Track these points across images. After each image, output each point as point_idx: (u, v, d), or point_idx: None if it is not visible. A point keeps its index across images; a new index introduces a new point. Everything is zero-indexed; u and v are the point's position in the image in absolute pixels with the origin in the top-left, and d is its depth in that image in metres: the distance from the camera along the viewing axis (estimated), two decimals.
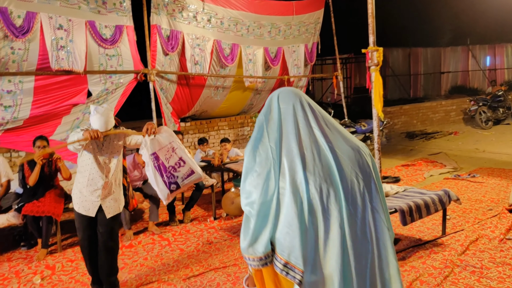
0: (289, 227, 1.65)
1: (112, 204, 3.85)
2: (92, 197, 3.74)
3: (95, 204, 3.77)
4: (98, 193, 3.75)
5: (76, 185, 3.81)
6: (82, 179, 3.75)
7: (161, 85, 7.59)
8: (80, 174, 3.77)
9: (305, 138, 1.73)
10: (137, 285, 4.20)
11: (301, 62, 10.01)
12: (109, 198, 3.83)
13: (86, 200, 3.75)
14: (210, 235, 5.54)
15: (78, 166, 3.80)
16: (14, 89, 5.98)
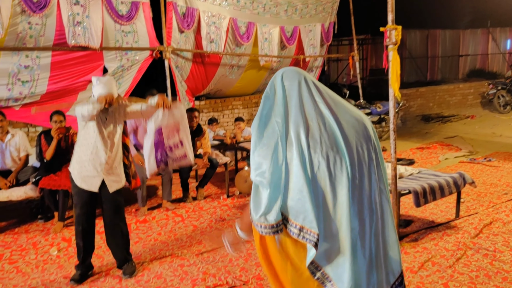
0: (300, 193, 1.68)
1: (114, 178, 3.82)
2: (95, 171, 3.70)
3: (97, 178, 3.72)
4: (102, 167, 3.71)
5: (77, 159, 3.75)
6: (85, 152, 3.69)
7: (176, 62, 7.58)
8: (82, 148, 3.72)
9: (310, 111, 1.77)
10: (150, 259, 4.27)
11: (317, 42, 9.90)
12: (111, 173, 3.79)
13: (89, 175, 3.70)
14: (223, 212, 5.59)
15: (80, 140, 3.75)
16: (31, 64, 6.03)
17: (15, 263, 4.28)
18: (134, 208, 5.83)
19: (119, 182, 3.88)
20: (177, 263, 4.16)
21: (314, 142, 1.71)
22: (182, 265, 4.10)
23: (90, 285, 3.80)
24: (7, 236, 4.97)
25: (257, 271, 3.91)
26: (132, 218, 5.45)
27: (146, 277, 3.90)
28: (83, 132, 3.71)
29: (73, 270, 4.05)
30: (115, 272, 4.01)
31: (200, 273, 3.91)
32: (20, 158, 5.42)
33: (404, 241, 4.38)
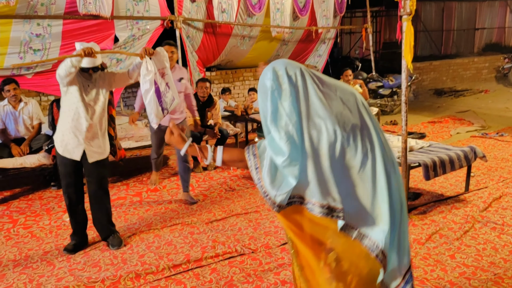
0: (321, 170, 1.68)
1: (96, 149, 3.75)
2: (76, 140, 3.64)
3: (79, 147, 3.66)
4: (82, 136, 3.64)
5: (59, 127, 3.70)
6: (66, 119, 3.63)
7: (187, 32, 7.53)
8: (64, 115, 3.65)
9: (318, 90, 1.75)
10: (161, 226, 4.35)
11: (330, 13, 9.74)
12: (92, 143, 3.72)
13: (70, 143, 3.65)
14: (233, 182, 5.64)
15: (62, 107, 3.68)
16: (43, 32, 6.03)
17: (30, 228, 4.39)
18: (145, 176, 5.90)
19: (101, 154, 3.81)
20: (187, 230, 4.23)
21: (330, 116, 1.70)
22: (192, 232, 4.18)
23: (102, 250, 3.89)
24: (21, 202, 5.08)
25: (266, 240, 3.97)
26: (143, 186, 5.53)
27: (157, 243, 3.98)
28: (65, 99, 3.64)
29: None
30: (126, 239, 4.10)
31: (210, 241, 3.98)
32: (33, 126, 5.48)
33: (412, 213, 4.40)
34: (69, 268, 3.61)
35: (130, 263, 3.64)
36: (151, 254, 3.79)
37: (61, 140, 3.68)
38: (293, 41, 9.70)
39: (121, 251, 3.86)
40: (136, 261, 3.67)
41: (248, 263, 3.59)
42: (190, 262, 3.62)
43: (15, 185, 5.59)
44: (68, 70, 3.41)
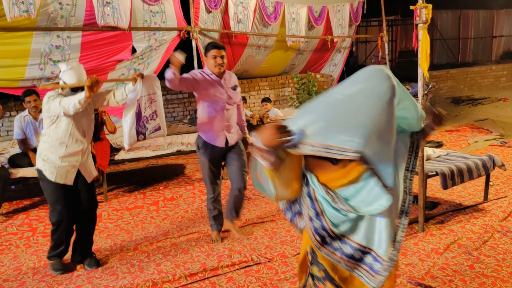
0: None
1: (89, 168, 3.73)
2: (70, 164, 3.55)
3: (73, 170, 3.59)
4: (78, 158, 3.58)
5: (48, 154, 3.52)
6: (58, 147, 3.49)
7: (203, 43, 7.59)
8: (55, 142, 3.49)
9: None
10: (178, 235, 4.38)
11: (346, 22, 9.76)
12: (86, 164, 3.69)
13: (63, 167, 3.53)
14: (249, 191, 5.64)
15: (50, 135, 3.51)
16: (62, 44, 6.15)
17: (48, 236, 4.42)
18: (161, 185, 5.95)
19: (92, 172, 3.79)
20: (204, 239, 4.25)
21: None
22: (208, 242, 4.19)
23: (119, 259, 3.92)
24: (40, 211, 5.16)
25: (282, 249, 3.96)
26: (160, 195, 5.57)
27: (174, 252, 4.00)
28: (53, 127, 3.49)
29: (103, 245, 4.20)
30: (143, 247, 4.13)
31: (226, 250, 3.99)
32: None
33: (430, 223, 4.35)
34: (87, 276, 3.65)
35: (147, 272, 3.66)
36: (167, 262, 3.82)
37: (51, 168, 3.52)
38: (309, 50, 9.73)
39: (138, 260, 3.89)
40: (153, 270, 3.69)
41: (264, 272, 3.58)
42: (206, 271, 3.63)
43: (34, 194, 5.68)
44: (78, 110, 3.33)
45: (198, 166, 6.76)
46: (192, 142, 6.32)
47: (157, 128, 4.02)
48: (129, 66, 6.80)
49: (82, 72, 3.52)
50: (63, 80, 3.47)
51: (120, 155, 5.73)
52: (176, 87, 3.67)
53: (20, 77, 6.03)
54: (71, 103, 3.29)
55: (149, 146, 6.12)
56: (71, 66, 3.47)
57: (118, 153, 5.77)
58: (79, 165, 3.62)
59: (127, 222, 4.77)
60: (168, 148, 6.07)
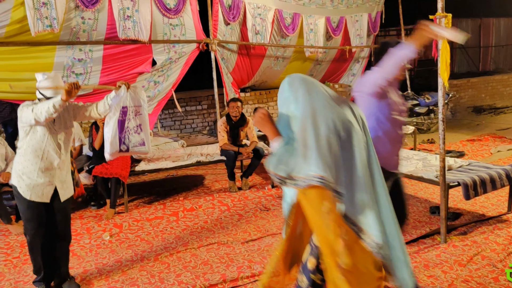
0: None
1: (66, 186, 3.56)
2: (46, 180, 3.39)
3: (50, 187, 3.43)
4: (53, 174, 3.41)
5: (23, 170, 3.37)
6: (33, 160, 3.34)
7: (222, 54, 7.68)
8: (29, 156, 3.34)
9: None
10: (198, 246, 4.39)
11: (364, 32, 9.75)
12: (62, 180, 3.51)
13: (39, 184, 3.37)
14: (268, 202, 5.65)
15: (24, 148, 3.36)
16: (84, 57, 6.28)
17: (71, 246, 4.45)
18: (181, 196, 5.98)
19: (70, 190, 3.64)
20: (223, 250, 4.25)
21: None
22: (228, 253, 4.19)
23: (139, 270, 3.95)
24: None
25: None
26: (180, 206, 5.60)
27: (194, 263, 4.02)
28: (27, 139, 3.34)
29: (124, 255, 4.24)
30: (164, 258, 4.15)
31: (246, 261, 3.99)
32: (75, 147, 5.67)
33: (452, 234, 4.29)
34: (108, 286, 3.68)
35: (167, 282, 3.68)
36: (187, 273, 3.83)
37: (27, 184, 3.36)
38: (327, 60, 9.73)
39: (158, 270, 3.91)
40: (173, 280, 3.71)
41: None
42: (226, 282, 3.63)
43: None
44: (51, 115, 3.17)
45: (217, 177, 6.80)
46: (211, 153, 6.36)
47: (141, 143, 3.88)
48: (149, 78, 6.91)
49: (59, 80, 3.39)
50: (39, 91, 3.35)
51: (141, 166, 5.80)
52: None
53: None
54: (44, 107, 3.13)
55: (169, 157, 6.17)
56: (48, 76, 3.35)
57: (139, 164, 5.84)
58: (56, 181, 3.45)
59: (148, 232, 4.81)
60: (188, 159, 6.12)
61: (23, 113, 3.25)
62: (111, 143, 3.76)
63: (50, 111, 3.12)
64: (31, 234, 3.48)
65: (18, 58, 5.91)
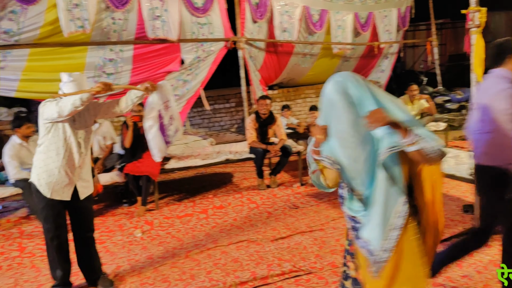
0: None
1: (86, 184, 3.55)
2: (67, 178, 3.37)
3: (70, 186, 3.42)
4: (73, 172, 3.40)
5: (44, 168, 3.35)
6: (54, 158, 3.33)
7: (249, 52, 7.68)
8: (50, 154, 3.34)
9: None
10: (228, 243, 4.42)
11: (393, 28, 9.59)
12: (82, 178, 3.51)
13: (60, 182, 3.36)
14: (297, 200, 5.64)
15: (45, 145, 3.35)
16: (115, 57, 6.39)
17: (104, 243, 4.61)
18: (210, 194, 6.03)
19: (90, 187, 3.62)
20: (253, 248, 4.27)
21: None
22: (257, 250, 4.21)
23: (170, 266, 4.00)
24: (96, 218, 5.30)
25: (332, 258, 3.93)
26: (209, 203, 5.65)
27: (224, 260, 4.05)
28: (49, 136, 3.33)
29: (156, 252, 4.30)
30: (194, 255, 4.19)
31: (275, 259, 4.00)
32: (106, 146, 5.79)
33: None
34: (140, 282, 3.75)
35: (198, 279, 3.72)
36: (218, 270, 3.86)
37: (47, 182, 3.34)
38: (355, 57, 9.63)
39: (189, 267, 3.96)
40: (203, 277, 3.75)
41: (314, 282, 3.56)
42: (256, 279, 3.65)
43: None
44: (76, 109, 3.15)
45: (245, 175, 6.83)
46: (240, 150, 6.39)
47: (176, 131, 3.93)
48: (178, 77, 6.97)
49: (84, 83, 3.40)
50: (63, 91, 3.35)
51: (170, 164, 5.87)
52: None
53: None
54: (69, 100, 3.11)
55: (198, 155, 6.22)
56: (73, 78, 3.32)
57: (169, 162, 5.91)
58: (76, 179, 3.45)
59: (178, 229, 4.87)
60: (217, 157, 6.16)
61: (46, 108, 3.23)
62: (160, 150, 3.80)
63: (76, 103, 3.10)
64: (49, 235, 3.46)
65: (52, 59, 6.06)
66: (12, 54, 5.72)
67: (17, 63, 5.79)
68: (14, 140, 4.90)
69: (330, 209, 5.21)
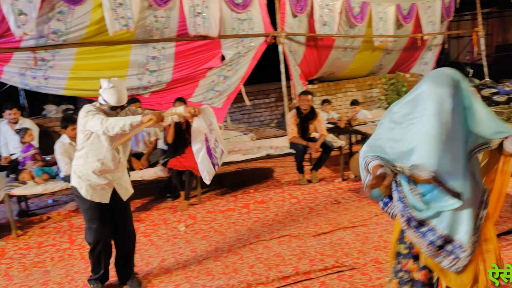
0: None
1: (124, 186, 3.62)
2: (105, 181, 3.45)
3: (108, 189, 3.49)
4: (113, 175, 3.48)
5: (84, 172, 3.42)
6: (94, 163, 3.39)
7: (289, 47, 7.66)
8: (91, 159, 3.39)
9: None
10: (270, 238, 4.45)
11: (437, 18, 9.33)
12: (121, 181, 3.58)
13: (99, 186, 3.44)
14: (338, 195, 5.60)
15: (85, 150, 3.40)
16: (157, 55, 6.53)
17: (149, 236, 4.73)
18: (251, 188, 6.08)
19: (129, 189, 3.70)
20: (295, 243, 4.28)
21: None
22: (299, 245, 4.22)
23: (214, 260, 4.07)
24: (141, 212, 5.49)
25: (375, 254, 3.90)
26: (251, 198, 5.70)
27: (266, 255, 4.08)
28: (88, 143, 3.38)
29: (199, 246, 4.39)
30: (237, 249, 4.25)
31: (318, 254, 4.00)
32: (151, 141, 5.93)
33: None
34: (185, 275, 3.83)
35: (241, 273, 3.77)
36: (260, 264, 3.90)
37: (87, 185, 3.42)
38: (397, 49, 9.43)
39: (232, 261, 4.01)
40: (246, 271, 3.80)
41: (357, 278, 3.55)
42: (299, 274, 3.67)
43: (134, 197, 5.99)
44: (123, 132, 3.19)
45: (286, 170, 6.84)
46: (281, 145, 6.39)
47: (222, 153, 3.86)
48: (218, 73, 7.05)
49: (123, 90, 3.40)
50: (102, 97, 3.35)
51: None
52: None
53: None
54: (119, 124, 3.14)
55: (239, 150, 6.28)
56: (113, 84, 3.33)
57: None
58: (114, 183, 3.52)
59: (220, 224, 4.94)
60: (258, 152, 6.19)
61: (89, 121, 3.23)
62: (208, 172, 3.73)
63: (125, 128, 3.14)
64: (93, 235, 3.54)
65: (97, 58, 6.26)
66: (60, 53, 5.96)
67: (65, 62, 6.02)
68: (64, 139, 5.09)
69: (373, 204, 5.14)
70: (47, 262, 4.31)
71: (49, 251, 4.55)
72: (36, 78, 5.97)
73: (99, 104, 3.39)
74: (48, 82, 6.02)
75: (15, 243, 4.81)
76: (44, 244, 4.73)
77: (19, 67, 5.81)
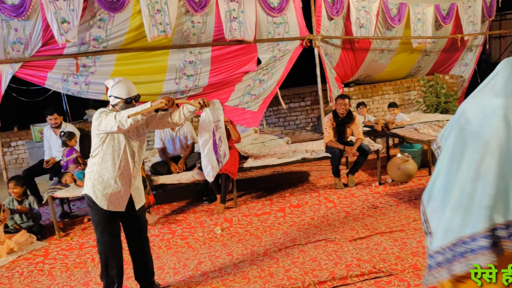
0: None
1: (140, 193, 3.54)
2: (122, 189, 3.33)
3: (125, 196, 3.38)
4: (129, 182, 3.37)
5: (99, 180, 3.30)
6: (110, 169, 3.29)
7: (325, 50, 7.63)
8: (108, 163, 3.29)
9: None
10: (305, 242, 4.44)
11: (478, 18, 9.08)
12: (137, 188, 3.49)
13: (116, 193, 3.32)
14: (375, 199, 5.53)
15: (100, 156, 3.30)
16: (194, 59, 6.64)
17: (186, 239, 4.80)
18: (287, 192, 6.07)
19: (143, 197, 3.60)
20: (331, 247, 4.25)
21: None
22: (336, 250, 4.19)
23: (249, 263, 4.09)
24: (178, 215, 5.58)
25: (413, 260, 3.82)
26: (286, 202, 5.69)
27: (302, 259, 4.07)
28: (104, 147, 3.28)
29: (235, 249, 4.42)
30: (272, 253, 4.25)
31: (354, 259, 3.95)
32: (187, 145, 6.01)
33: None
34: (221, 278, 3.86)
35: (276, 277, 3.77)
36: (296, 269, 3.89)
37: (103, 194, 3.30)
38: (436, 51, 9.23)
39: (268, 265, 4.02)
40: (282, 275, 3.79)
41: (395, 284, 3.49)
42: (335, 279, 3.64)
43: (172, 199, 6.17)
44: (137, 123, 3.13)
45: (322, 173, 6.81)
46: (316, 149, 6.36)
47: (224, 154, 3.84)
48: (254, 77, 7.09)
49: (130, 82, 3.37)
50: (114, 96, 3.31)
51: (248, 163, 5.97)
52: None
53: (159, 92, 6.62)
54: (129, 112, 3.09)
55: (274, 154, 6.28)
56: (118, 79, 3.32)
57: (246, 160, 6.02)
58: (131, 189, 3.43)
59: (256, 227, 4.96)
60: (293, 155, 6.18)
61: (103, 120, 3.16)
62: (212, 166, 3.72)
63: (137, 116, 3.07)
64: (106, 246, 3.45)
65: (136, 63, 6.42)
66: (101, 59, 6.14)
67: (106, 68, 6.20)
68: None
69: (411, 209, 5.05)
70: (88, 263, 4.44)
71: (90, 252, 4.69)
72: (78, 83, 6.19)
73: (112, 107, 3.35)
74: (89, 88, 6.23)
75: (58, 244, 4.99)
76: (85, 245, 4.88)
77: (62, 73, 6.04)
